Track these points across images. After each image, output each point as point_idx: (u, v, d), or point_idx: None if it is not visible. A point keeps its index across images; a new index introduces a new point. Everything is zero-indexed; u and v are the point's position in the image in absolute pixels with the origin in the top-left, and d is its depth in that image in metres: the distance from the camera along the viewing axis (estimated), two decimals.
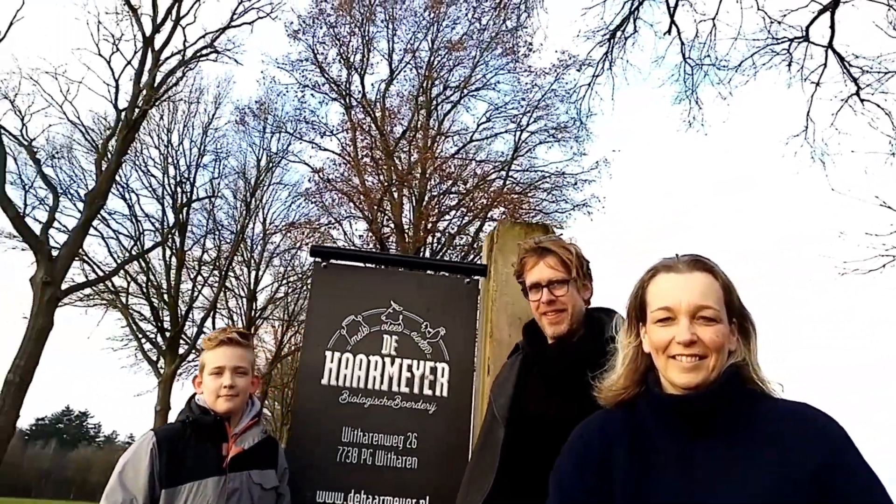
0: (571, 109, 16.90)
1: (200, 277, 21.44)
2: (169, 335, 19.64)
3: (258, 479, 2.32)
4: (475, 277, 2.91)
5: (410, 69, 19.00)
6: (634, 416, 1.54)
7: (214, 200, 21.91)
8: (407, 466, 2.62)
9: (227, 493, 2.23)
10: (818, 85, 10.74)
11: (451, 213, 17.94)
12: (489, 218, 17.50)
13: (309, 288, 2.99)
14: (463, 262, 13.37)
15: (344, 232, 18.75)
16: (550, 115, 18.65)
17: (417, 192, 17.47)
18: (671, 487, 1.37)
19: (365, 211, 17.14)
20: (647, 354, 1.56)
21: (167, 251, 20.65)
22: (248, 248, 22.98)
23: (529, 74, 18.66)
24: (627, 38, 11.83)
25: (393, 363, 2.75)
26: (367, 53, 18.53)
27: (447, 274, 3.01)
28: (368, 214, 16.93)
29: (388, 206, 17.18)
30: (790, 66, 11.13)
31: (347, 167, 18.10)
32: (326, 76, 18.46)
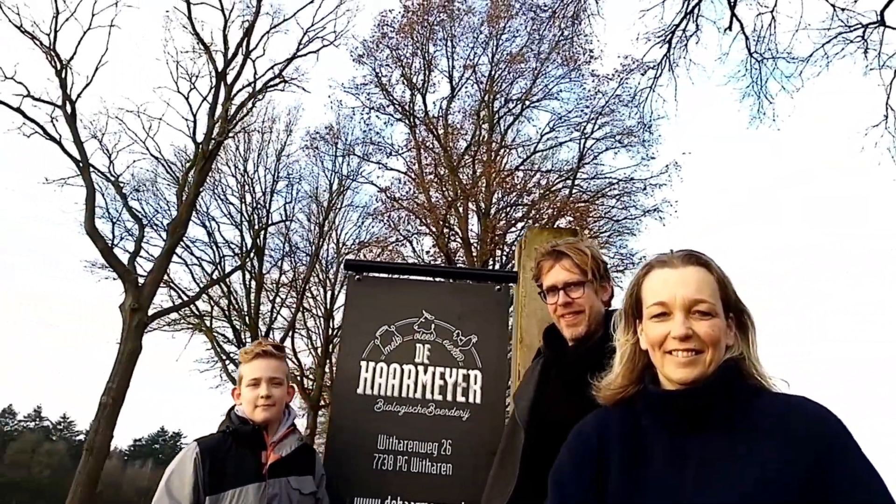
0: (636, 114, 16.60)
1: (279, 299, 22.22)
2: None
3: (296, 484, 2.42)
4: (505, 284, 2.93)
5: (471, 84, 19.22)
6: (633, 413, 1.53)
7: (289, 224, 22.72)
8: (442, 473, 2.66)
9: (266, 498, 2.33)
10: None
11: (517, 224, 17.90)
12: (556, 227, 17.34)
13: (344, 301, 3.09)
14: (492, 269, 13.30)
15: (413, 249, 19.07)
16: (615, 120, 18.41)
17: (483, 205, 17.55)
18: (662, 483, 1.36)
19: (431, 227, 17.35)
20: (644, 352, 1.55)
21: (246, 275, 21.53)
22: (323, 268, 23.61)
23: (593, 80, 18.51)
24: (689, 37, 11.58)
25: (426, 371, 2.80)
26: (427, 73, 18.87)
27: (477, 282, 3.04)
28: (434, 230, 17.12)
29: (453, 221, 17.33)
30: (866, 52, 10.59)
31: (413, 185, 18.41)
32: (390, 97, 18.92)
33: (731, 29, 10.65)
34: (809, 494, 1.23)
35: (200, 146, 17.04)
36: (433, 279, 3.24)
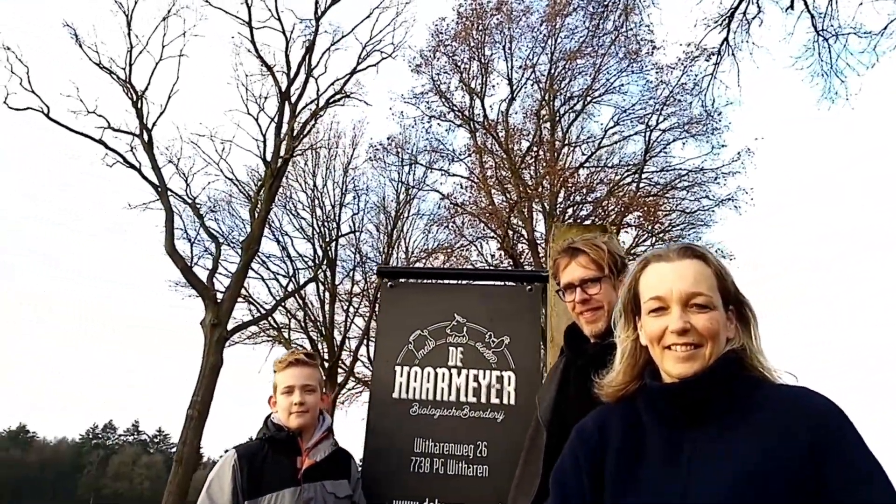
0: (699, 102, 16.06)
1: (352, 308, 22.67)
2: (327, 365, 20.92)
3: (331, 488, 2.48)
4: (537, 284, 2.91)
5: (531, 84, 19.07)
6: (634, 410, 1.50)
7: (359, 235, 23.19)
8: (478, 475, 2.67)
9: (302, 501, 2.40)
10: None
11: (584, 223, 17.61)
12: (624, 224, 16.97)
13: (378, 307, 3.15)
14: (523, 270, 13.11)
15: (481, 253, 19.08)
16: (681, 110, 17.86)
17: (547, 205, 17.37)
18: (655, 477, 1.34)
19: (496, 230, 17.31)
20: (645, 348, 1.52)
21: (320, 286, 22.11)
22: None
23: (655, 71, 18.03)
24: (751, 20, 11.12)
25: (459, 374, 2.81)
26: (485, 77, 18.87)
27: (508, 283, 3.03)
28: (499, 233, 17.07)
29: (517, 223, 17.23)
30: None
31: (475, 189, 18.43)
32: (450, 104, 19.03)
33: (792, 8, 10.14)
34: (805, 488, 1.19)
35: (269, 165, 17.66)
36: (464, 282, 3.25)
